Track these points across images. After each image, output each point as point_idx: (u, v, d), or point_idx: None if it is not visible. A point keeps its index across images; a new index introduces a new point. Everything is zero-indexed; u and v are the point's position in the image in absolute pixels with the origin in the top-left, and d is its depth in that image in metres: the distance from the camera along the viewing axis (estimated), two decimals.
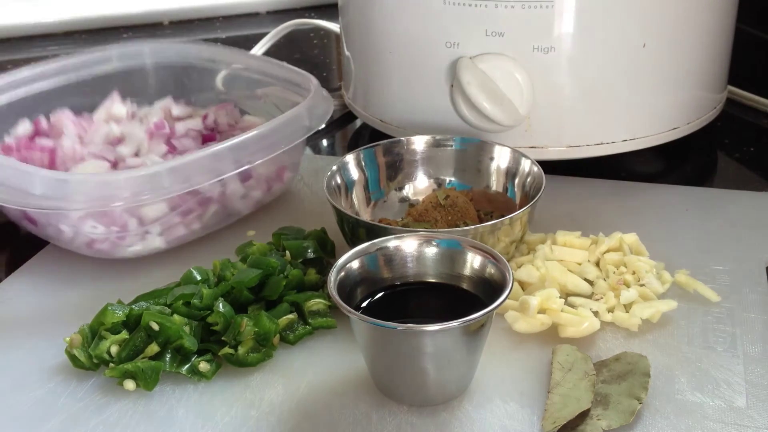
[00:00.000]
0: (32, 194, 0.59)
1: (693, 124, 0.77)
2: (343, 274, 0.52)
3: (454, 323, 0.47)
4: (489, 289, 0.52)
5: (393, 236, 0.55)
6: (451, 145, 0.70)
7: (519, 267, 0.61)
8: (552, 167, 0.71)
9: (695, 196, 0.73)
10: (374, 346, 0.51)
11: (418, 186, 0.70)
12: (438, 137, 0.70)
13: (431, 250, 0.55)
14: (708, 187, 0.76)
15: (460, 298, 0.54)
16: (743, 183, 0.77)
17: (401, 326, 0.48)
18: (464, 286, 0.54)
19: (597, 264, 0.62)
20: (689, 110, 0.76)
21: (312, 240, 0.64)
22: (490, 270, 0.53)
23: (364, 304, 0.53)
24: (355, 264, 0.53)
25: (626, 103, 0.73)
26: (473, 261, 0.54)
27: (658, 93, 0.74)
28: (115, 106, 0.78)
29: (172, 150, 0.72)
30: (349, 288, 0.52)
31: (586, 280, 0.61)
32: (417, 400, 0.51)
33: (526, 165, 0.66)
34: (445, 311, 0.53)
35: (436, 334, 0.48)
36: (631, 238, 0.64)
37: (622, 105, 0.73)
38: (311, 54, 1.13)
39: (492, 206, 0.68)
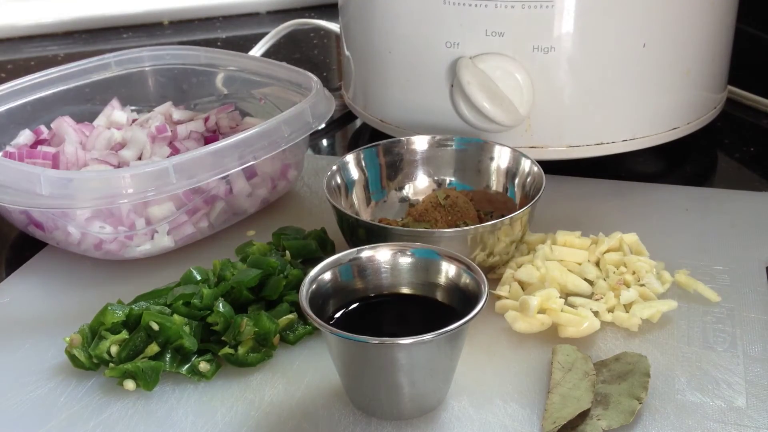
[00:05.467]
0: (39, 194, 0.59)
1: (693, 124, 0.77)
2: (314, 286, 0.51)
3: (428, 336, 0.47)
4: (464, 299, 0.51)
5: (366, 246, 0.54)
6: (451, 145, 0.70)
7: (519, 267, 0.61)
8: (552, 167, 0.71)
9: (695, 196, 0.73)
10: (347, 360, 0.50)
11: (418, 186, 0.70)
12: (438, 137, 0.70)
13: (405, 260, 0.54)
14: (708, 187, 0.76)
15: (435, 310, 0.53)
16: (743, 183, 0.77)
17: (373, 339, 0.47)
18: (439, 296, 0.53)
19: (597, 264, 0.62)
20: (689, 110, 0.76)
21: (312, 240, 0.64)
22: (465, 280, 0.52)
23: (336, 316, 0.53)
24: (327, 276, 0.52)
25: (626, 103, 0.73)
26: (448, 271, 0.53)
27: (658, 93, 0.74)
28: (115, 113, 0.78)
29: (176, 152, 0.72)
30: (321, 300, 0.52)
31: (586, 280, 0.61)
32: (392, 415, 0.50)
33: (526, 165, 0.66)
34: (419, 323, 0.53)
35: (410, 347, 0.47)
36: (631, 238, 0.64)
37: (622, 105, 0.73)
38: (311, 54, 1.13)
39: (492, 206, 0.68)
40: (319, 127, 0.72)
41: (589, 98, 0.72)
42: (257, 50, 1.04)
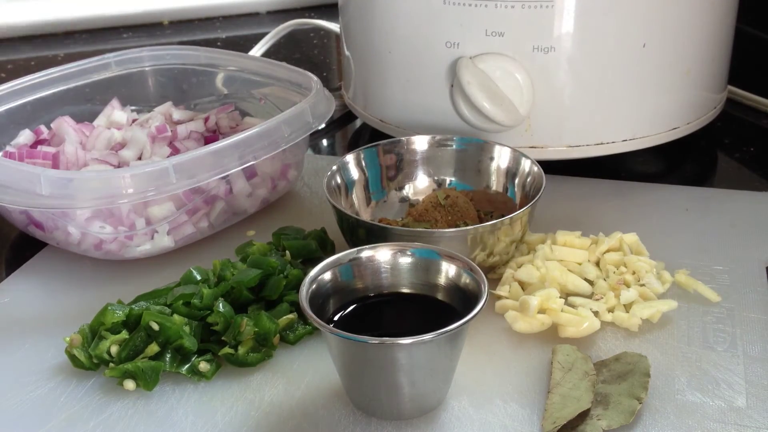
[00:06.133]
0: (39, 195, 0.59)
1: (693, 124, 0.77)
2: (314, 286, 0.51)
3: (428, 336, 0.46)
4: (464, 299, 0.51)
5: (366, 246, 0.54)
6: (452, 145, 0.70)
7: (519, 267, 0.61)
8: (552, 167, 0.71)
9: (695, 196, 0.73)
10: (347, 360, 0.50)
11: (419, 186, 0.70)
12: (438, 137, 0.70)
13: (405, 260, 0.54)
14: (708, 187, 0.76)
15: (435, 309, 0.53)
16: (743, 183, 0.77)
17: (373, 339, 0.47)
18: (439, 296, 0.53)
19: (597, 264, 0.62)
20: (689, 110, 0.76)
21: (312, 240, 0.64)
22: (465, 280, 0.52)
23: (337, 317, 0.53)
24: (327, 276, 0.52)
25: (626, 103, 0.73)
26: (448, 271, 0.53)
27: (658, 93, 0.74)
28: (116, 112, 0.78)
29: (176, 152, 0.72)
30: (321, 300, 0.52)
31: (586, 280, 0.61)
32: (392, 415, 0.50)
33: (526, 165, 0.66)
34: (419, 323, 0.53)
35: (410, 347, 0.47)
36: (631, 238, 0.64)
37: (622, 105, 0.73)
38: (311, 54, 1.13)
39: (492, 206, 0.68)
40: (319, 127, 0.72)
41: (589, 98, 0.72)
42: (257, 50, 1.04)
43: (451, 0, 0.70)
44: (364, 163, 0.69)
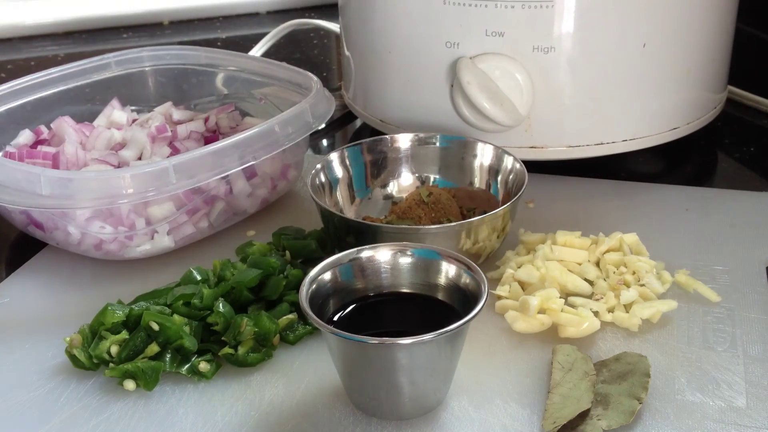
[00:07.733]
0: (39, 194, 0.59)
1: (693, 124, 0.77)
2: (314, 286, 0.51)
3: (428, 336, 0.46)
4: (464, 299, 0.51)
5: (366, 246, 0.54)
6: (435, 143, 0.70)
7: (519, 267, 0.61)
8: (552, 167, 0.71)
9: (695, 196, 0.73)
10: (347, 360, 0.50)
11: (402, 183, 0.71)
12: (421, 135, 0.70)
13: (405, 261, 0.54)
14: (708, 187, 0.76)
15: (435, 309, 0.53)
16: (743, 183, 0.77)
17: (373, 340, 0.47)
18: (439, 296, 0.53)
19: (597, 264, 0.62)
20: (689, 110, 0.76)
21: (312, 240, 0.64)
22: (465, 280, 0.52)
23: (337, 317, 0.52)
24: (327, 276, 0.52)
25: (626, 103, 0.73)
26: (448, 271, 0.53)
27: (658, 93, 0.74)
28: (115, 112, 0.78)
29: (176, 152, 0.72)
30: (321, 300, 0.52)
31: (586, 280, 0.61)
32: (392, 415, 0.50)
33: (508, 162, 0.67)
34: (419, 323, 0.53)
35: (410, 347, 0.47)
36: (631, 238, 0.64)
37: (622, 105, 0.73)
38: (311, 54, 1.13)
39: (475, 203, 0.68)
40: (319, 127, 0.72)
41: (589, 98, 0.72)
42: (257, 50, 1.04)
43: (451, 0, 0.70)
44: (348, 162, 0.69)
